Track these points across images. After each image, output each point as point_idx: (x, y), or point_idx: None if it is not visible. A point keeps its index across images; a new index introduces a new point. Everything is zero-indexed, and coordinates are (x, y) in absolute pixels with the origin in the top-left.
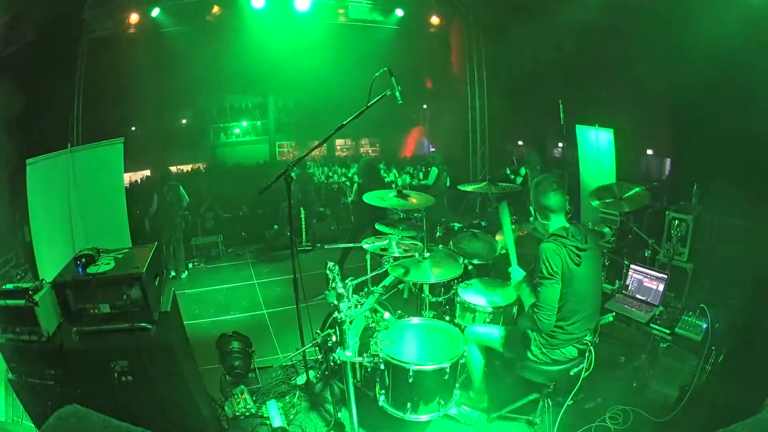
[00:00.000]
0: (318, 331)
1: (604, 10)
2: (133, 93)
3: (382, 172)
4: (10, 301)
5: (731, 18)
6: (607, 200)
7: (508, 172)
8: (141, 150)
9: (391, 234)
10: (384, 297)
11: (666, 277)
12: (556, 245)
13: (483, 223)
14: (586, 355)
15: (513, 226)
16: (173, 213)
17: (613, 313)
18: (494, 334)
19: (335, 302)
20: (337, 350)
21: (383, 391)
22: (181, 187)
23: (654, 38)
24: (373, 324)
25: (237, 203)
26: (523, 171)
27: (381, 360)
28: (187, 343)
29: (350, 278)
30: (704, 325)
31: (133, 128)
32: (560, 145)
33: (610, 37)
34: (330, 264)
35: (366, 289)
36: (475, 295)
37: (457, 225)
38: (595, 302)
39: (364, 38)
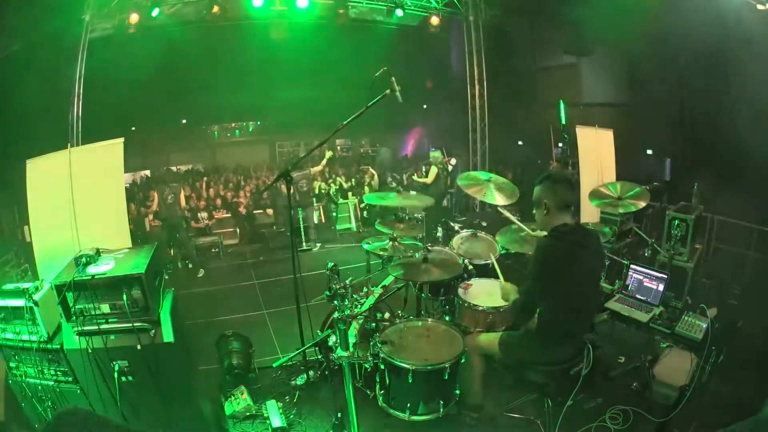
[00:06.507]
0: (318, 331)
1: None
2: (133, 93)
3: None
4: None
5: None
6: (607, 200)
7: (416, 177)
8: (141, 150)
9: (390, 234)
10: (384, 297)
11: (666, 277)
12: (556, 242)
13: (483, 223)
14: (585, 353)
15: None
16: (173, 214)
17: (608, 311)
18: (492, 339)
19: (335, 302)
20: (337, 350)
21: (383, 391)
22: (182, 188)
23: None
24: (374, 324)
25: (237, 203)
26: (434, 170)
27: (381, 360)
28: (186, 342)
29: (350, 278)
30: (704, 325)
31: (133, 128)
32: (560, 144)
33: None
34: (330, 264)
35: (366, 289)
36: (474, 295)
37: (457, 225)
38: (594, 301)
39: (364, 38)
